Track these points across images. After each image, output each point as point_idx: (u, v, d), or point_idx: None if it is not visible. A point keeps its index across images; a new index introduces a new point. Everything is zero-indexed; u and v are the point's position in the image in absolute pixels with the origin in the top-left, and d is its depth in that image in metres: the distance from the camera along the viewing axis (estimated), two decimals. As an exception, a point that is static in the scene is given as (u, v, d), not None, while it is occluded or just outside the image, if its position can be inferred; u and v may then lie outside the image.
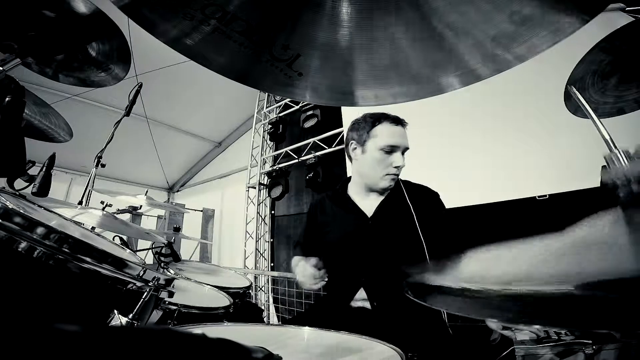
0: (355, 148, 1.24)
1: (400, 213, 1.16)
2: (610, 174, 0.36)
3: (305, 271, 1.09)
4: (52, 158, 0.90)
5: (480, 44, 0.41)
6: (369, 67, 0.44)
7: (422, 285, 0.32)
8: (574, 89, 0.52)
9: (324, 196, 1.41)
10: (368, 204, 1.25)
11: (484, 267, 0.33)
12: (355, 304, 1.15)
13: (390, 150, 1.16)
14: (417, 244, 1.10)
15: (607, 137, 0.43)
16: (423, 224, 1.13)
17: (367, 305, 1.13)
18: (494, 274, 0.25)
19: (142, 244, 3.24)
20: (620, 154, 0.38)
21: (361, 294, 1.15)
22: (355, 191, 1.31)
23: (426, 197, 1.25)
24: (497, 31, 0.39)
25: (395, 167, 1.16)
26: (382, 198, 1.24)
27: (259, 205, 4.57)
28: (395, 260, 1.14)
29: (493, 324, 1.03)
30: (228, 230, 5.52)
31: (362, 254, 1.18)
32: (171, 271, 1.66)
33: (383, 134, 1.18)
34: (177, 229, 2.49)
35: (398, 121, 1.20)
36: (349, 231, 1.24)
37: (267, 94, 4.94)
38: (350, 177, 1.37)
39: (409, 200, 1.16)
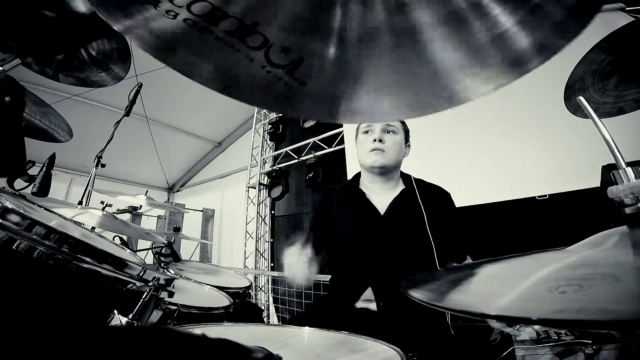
0: (356, 140, 1.37)
1: (412, 212, 1.16)
2: (618, 190, 0.35)
3: (300, 260, 1.01)
4: (52, 158, 0.90)
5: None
6: (377, 81, 0.38)
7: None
8: (583, 99, 0.51)
9: (334, 189, 1.39)
10: (381, 200, 1.23)
11: (487, 294, 0.33)
12: (359, 304, 1.13)
13: (368, 129, 1.28)
14: (427, 245, 1.10)
15: (608, 137, 0.43)
16: (433, 224, 1.13)
17: (373, 305, 1.11)
18: (496, 305, 0.25)
19: (142, 244, 3.24)
20: (630, 170, 0.38)
21: (366, 294, 1.13)
22: (366, 185, 1.30)
23: (438, 196, 1.25)
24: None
25: (374, 141, 1.23)
26: (395, 194, 1.23)
27: (259, 205, 4.57)
28: (406, 260, 1.13)
29: (496, 323, 1.02)
30: (228, 230, 5.51)
31: (372, 251, 1.16)
32: (171, 271, 1.66)
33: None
34: (177, 229, 2.49)
35: None
36: (360, 227, 1.21)
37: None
38: (360, 172, 1.36)
39: (420, 200, 1.16)
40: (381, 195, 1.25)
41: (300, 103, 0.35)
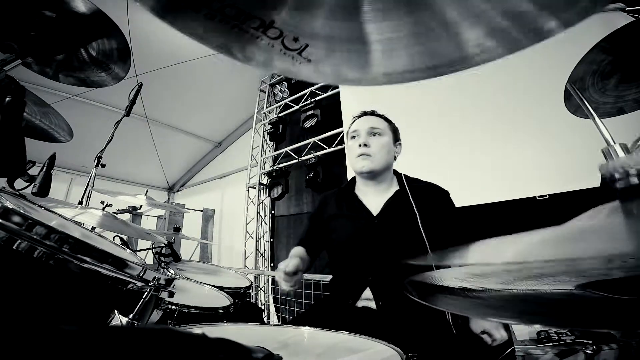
0: (346, 145, 1.41)
1: (405, 212, 1.16)
2: (608, 166, 0.36)
3: (282, 265, 1.09)
4: (52, 158, 0.90)
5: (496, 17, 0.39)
6: (377, 45, 0.44)
7: (425, 284, 0.33)
8: (574, 86, 0.52)
9: (332, 193, 1.42)
10: (374, 203, 1.25)
11: (485, 253, 0.33)
12: (359, 303, 1.15)
13: (355, 134, 1.29)
14: (421, 244, 1.10)
15: (608, 137, 0.43)
16: (428, 224, 1.13)
17: (372, 305, 1.12)
18: (493, 257, 0.25)
19: (142, 244, 3.24)
20: (618, 147, 0.38)
21: (366, 293, 1.14)
22: (360, 189, 1.32)
23: (434, 195, 1.25)
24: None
25: (359, 146, 1.24)
26: (388, 196, 1.24)
27: (259, 205, 4.56)
28: (401, 260, 1.14)
29: (476, 325, 1.04)
30: (228, 230, 5.52)
31: (369, 253, 1.18)
32: (171, 271, 1.66)
33: (352, 126, 1.34)
34: (177, 229, 2.49)
35: (363, 114, 1.34)
36: (355, 230, 1.24)
37: (266, 94, 4.95)
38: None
39: (412, 199, 1.16)
40: (374, 197, 1.26)
41: (308, 72, 0.48)
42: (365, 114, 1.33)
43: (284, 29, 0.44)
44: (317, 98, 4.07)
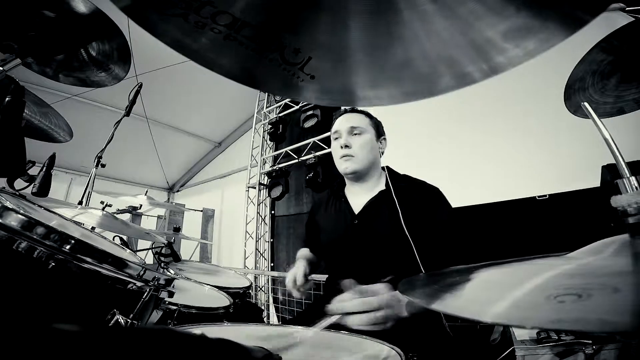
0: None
1: (388, 210, 1.13)
2: (622, 200, 0.35)
3: (290, 275, 1.16)
4: (52, 158, 0.90)
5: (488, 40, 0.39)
6: (378, 67, 0.42)
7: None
8: (587, 105, 0.52)
9: (325, 194, 1.42)
10: (358, 202, 1.23)
11: (480, 302, 0.33)
12: None
13: (337, 135, 1.24)
14: (405, 243, 1.05)
15: (608, 137, 0.43)
16: (414, 223, 1.07)
17: None
18: (492, 311, 0.25)
19: (142, 244, 3.24)
20: (634, 180, 0.38)
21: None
22: (348, 189, 1.31)
23: (423, 194, 1.18)
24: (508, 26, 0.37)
25: (341, 147, 1.20)
26: (372, 195, 1.21)
27: (259, 205, 4.56)
28: (383, 259, 1.12)
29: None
30: (228, 230, 5.51)
31: (349, 252, 1.18)
32: (171, 271, 1.66)
33: (333, 127, 1.28)
34: (177, 229, 2.49)
35: (344, 112, 1.31)
36: (338, 230, 1.24)
37: (267, 93, 4.95)
38: None
39: (396, 198, 1.11)
40: (360, 197, 1.24)
41: (312, 92, 0.43)
42: (345, 111, 1.30)
43: (283, 39, 0.39)
44: (317, 98, 4.06)
